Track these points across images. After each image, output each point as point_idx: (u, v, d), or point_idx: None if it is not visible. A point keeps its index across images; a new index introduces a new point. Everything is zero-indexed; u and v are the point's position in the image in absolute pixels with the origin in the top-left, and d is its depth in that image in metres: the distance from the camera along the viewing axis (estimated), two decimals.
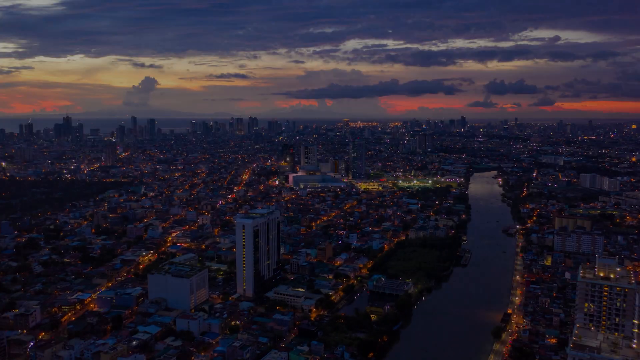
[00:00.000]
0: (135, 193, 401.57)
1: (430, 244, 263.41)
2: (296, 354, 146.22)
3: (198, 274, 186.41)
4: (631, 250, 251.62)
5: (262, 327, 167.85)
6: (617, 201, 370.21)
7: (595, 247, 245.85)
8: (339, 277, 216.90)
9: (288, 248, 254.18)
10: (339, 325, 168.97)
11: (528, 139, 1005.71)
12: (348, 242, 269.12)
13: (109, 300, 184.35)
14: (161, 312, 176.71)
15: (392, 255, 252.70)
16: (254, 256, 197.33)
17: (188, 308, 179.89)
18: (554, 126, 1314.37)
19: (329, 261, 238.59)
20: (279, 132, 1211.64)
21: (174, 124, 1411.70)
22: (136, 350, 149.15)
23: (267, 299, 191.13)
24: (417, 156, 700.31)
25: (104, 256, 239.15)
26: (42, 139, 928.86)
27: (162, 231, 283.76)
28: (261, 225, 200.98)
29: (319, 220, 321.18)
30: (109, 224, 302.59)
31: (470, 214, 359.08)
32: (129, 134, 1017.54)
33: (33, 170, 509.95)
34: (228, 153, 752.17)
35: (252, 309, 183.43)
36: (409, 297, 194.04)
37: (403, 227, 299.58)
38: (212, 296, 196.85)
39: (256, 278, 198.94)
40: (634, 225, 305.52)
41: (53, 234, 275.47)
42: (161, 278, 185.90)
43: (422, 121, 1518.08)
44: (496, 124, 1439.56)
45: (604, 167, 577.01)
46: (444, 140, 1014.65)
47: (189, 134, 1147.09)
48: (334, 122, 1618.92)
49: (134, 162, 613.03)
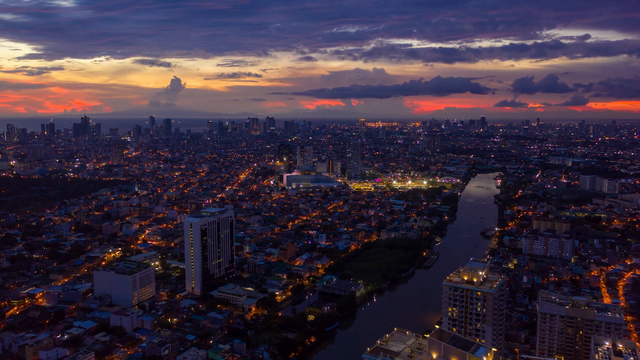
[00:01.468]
0: (127, 191, 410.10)
1: (398, 246, 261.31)
2: (214, 352, 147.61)
3: (142, 272, 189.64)
4: (603, 255, 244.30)
5: (195, 324, 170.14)
6: (610, 204, 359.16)
7: (563, 251, 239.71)
8: (292, 277, 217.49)
9: (253, 247, 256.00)
10: (272, 325, 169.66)
11: (545, 139, 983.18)
12: (317, 243, 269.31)
13: (57, 295, 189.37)
14: (103, 308, 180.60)
15: (356, 256, 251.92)
16: (202, 255, 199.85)
17: (130, 304, 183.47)
18: (577, 127, 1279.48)
19: (290, 261, 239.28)
20: (295, 132, 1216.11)
21: (198, 123, 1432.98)
22: (65, 344, 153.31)
23: (211, 297, 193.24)
24: (424, 157, 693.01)
25: (71, 253, 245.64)
26: (61, 139, 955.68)
27: (137, 229, 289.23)
28: (210, 224, 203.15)
29: (297, 220, 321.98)
30: (90, 221, 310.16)
31: (455, 215, 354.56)
32: (145, 133, 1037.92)
33: (39, 169, 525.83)
34: (237, 152, 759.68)
35: (193, 306, 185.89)
36: (352, 298, 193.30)
37: (378, 228, 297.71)
38: (161, 293, 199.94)
39: (204, 276, 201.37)
40: (618, 229, 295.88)
41: (32, 231, 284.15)
42: (106, 275, 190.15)
43: (442, 121, 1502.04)
44: (518, 125, 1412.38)
45: (614, 169, 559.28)
46: (459, 140, 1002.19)
47: (205, 133, 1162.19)
48: (355, 123, 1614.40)
49: (140, 161, 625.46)
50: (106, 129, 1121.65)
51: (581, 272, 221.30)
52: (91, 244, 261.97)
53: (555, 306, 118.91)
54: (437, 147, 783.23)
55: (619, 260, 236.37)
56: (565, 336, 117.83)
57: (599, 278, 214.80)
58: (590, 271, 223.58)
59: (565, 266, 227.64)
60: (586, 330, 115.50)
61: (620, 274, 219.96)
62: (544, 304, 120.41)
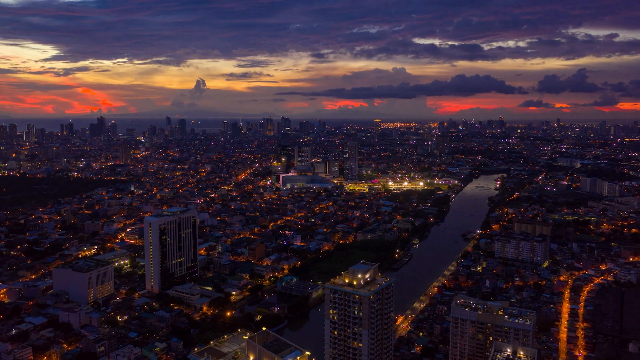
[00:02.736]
0: (123, 191, 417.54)
1: (371, 247, 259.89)
2: (148, 350, 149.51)
3: (99, 269, 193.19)
4: (578, 259, 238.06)
5: (142, 322, 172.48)
6: (605, 206, 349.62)
7: (535, 255, 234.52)
8: (254, 277, 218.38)
9: (225, 247, 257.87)
10: (218, 325, 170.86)
11: (562, 140, 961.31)
12: (291, 243, 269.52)
13: (17, 291, 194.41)
14: (58, 305, 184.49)
15: (328, 257, 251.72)
16: (161, 253, 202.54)
17: (86, 301, 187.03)
18: (597, 128, 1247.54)
19: (258, 261, 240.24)
20: (309, 132, 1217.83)
21: (219, 124, 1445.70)
22: (11, 339, 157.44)
23: (166, 296, 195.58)
24: (431, 158, 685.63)
25: (47, 250, 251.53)
26: (78, 138, 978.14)
27: (118, 228, 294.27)
28: (170, 223, 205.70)
29: (279, 220, 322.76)
30: (77, 219, 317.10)
31: (443, 217, 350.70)
32: (160, 134, 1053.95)
33: (46, 168, 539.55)
34: (245, 153, 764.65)
35: (146, 304, 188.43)
36: (305, 299, 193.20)
37: (357, 229, 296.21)
38: (121, 291, 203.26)
39: (163, 275, 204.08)
40: (605, 233, 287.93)
41: (18, 228, 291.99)
42: (64, 272, 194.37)
43: (459, 122, 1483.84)
44: (538, 125, 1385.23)
45: (623, 171, 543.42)
46: (473, 141, 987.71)
47: (220, 134, 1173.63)
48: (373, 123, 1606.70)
49: (147, 161, 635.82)
50: (124, 129, 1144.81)
51: (549, 276, 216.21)
52: (70, 242, 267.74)
53: (467, 311, 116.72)
54: (446, 148, 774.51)
55: (593, 265, 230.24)
56: (476, 342, 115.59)
57: (566, 283, 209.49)
58: (560, 276, 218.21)
59: (534, 270, 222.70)
60: (496, 336, 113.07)
61: (590, 279, 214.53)
62: (456, 308, 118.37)
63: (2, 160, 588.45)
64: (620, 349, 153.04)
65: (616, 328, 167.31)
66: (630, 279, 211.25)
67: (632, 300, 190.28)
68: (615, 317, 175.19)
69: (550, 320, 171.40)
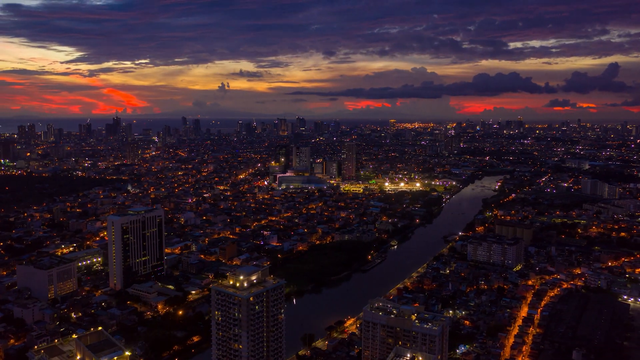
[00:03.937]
0: (120, 190, 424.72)
1: (344, 248, 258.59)
2: None
3: (61, 267, 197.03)
4: (551, 263, 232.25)
5: (94, 319, 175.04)
6: (599, 209, 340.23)
7: (506, 258, 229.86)
8: (219, 276, 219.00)
9: (200, 246, 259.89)
10: (166, 323, 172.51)
11: (579, 141, 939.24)
12: (268, 243, 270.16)
13: None
14: (17, 301, 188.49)
15: (300, 257, 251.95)
16: (123, 252, 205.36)
17: (47, 298, 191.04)
18: (618, 128, 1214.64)
19: (228, 261, 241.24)
20: (323, 132, 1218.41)
21: (236, 124, 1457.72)
22: None
23: (126, 294, 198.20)
24: (437, 158, 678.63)
25: (27, 248, 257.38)
26: (94, 138, 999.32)
27: (100, 226, 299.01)
28: (133, 222, 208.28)
29: (263, 220, 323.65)
30: (66, 218, 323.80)
31: (431, 218, 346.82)
32: (174, 134, 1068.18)
33: (53, 167, 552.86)
34: (253, 153, 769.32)
35: (104, 302, 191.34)
36: None
37: (338, 229, 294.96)
38: (85, 288, 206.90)
39: (126, 273, 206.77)
40: (590, 237, 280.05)
41: (6, 226, 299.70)
42: (27, 269, 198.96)
43: (477, 122, 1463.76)
44: (558, 126, 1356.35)
45: (632, 173, 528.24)
46: (487, 142, 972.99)
47: (234, 134, 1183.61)
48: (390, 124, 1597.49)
49: (153, 161, 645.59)
50: (140, 129, 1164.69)
51: (517, 280, 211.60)
52: (52, 240, 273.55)
53: (378, 315, 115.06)
54: (455, 149, 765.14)
55: (566, 269, 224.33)
56: (386, 346, 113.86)
57: (532, 287, 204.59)
58: (528, 280, 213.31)
59: (502, 274, 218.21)
60: (405, 340, 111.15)
61: (559, 283, 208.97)
62: (368, 312, 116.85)
63: (14, 159, 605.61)
64: (564, 355, 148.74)
65: (568, 335, 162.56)
66: (600, 284, 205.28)
67: (595, 306, 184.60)
68: (571, 323, 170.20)
69: (502, 325, 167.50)
